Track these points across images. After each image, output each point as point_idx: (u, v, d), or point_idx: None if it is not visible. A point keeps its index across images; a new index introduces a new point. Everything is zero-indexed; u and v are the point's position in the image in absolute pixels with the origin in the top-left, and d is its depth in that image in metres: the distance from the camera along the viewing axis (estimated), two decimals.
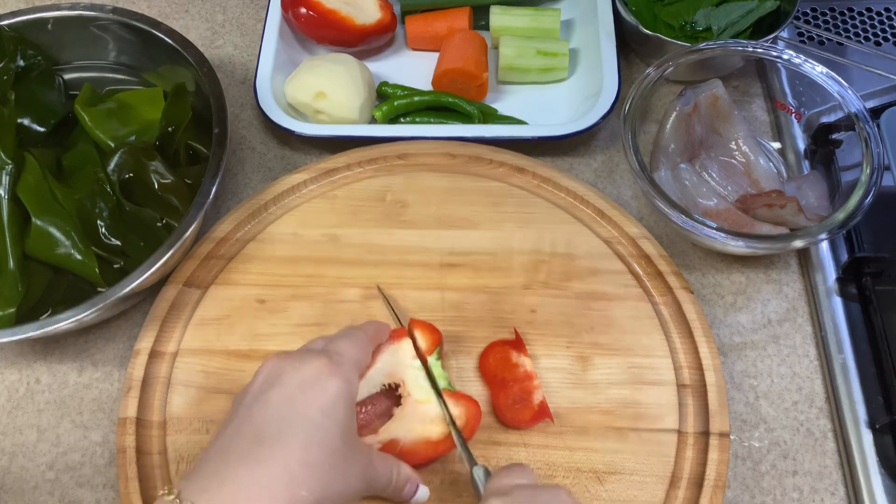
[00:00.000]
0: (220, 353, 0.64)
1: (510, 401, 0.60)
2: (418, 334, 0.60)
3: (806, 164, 0.74)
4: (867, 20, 0.87)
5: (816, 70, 0.70)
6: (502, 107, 0.80)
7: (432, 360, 0.59)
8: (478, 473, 0.52)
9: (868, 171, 0.64)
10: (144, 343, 0.64)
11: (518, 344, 0.62)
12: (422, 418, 0.56)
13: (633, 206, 0.74)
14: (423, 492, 0.52)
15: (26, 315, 0.63)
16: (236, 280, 0.67)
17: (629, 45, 0.84)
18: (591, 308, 0.65)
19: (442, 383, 0.58)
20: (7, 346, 0.68)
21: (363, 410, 0.57)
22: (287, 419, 0.43)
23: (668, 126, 0.71)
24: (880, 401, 0.61)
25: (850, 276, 0.67)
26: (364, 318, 0.65)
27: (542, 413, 0.59)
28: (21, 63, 0.73)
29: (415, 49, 0.86)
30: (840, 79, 0.69)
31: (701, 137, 0.72)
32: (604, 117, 0.73)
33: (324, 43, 0.83)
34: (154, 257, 0.60)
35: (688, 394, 0.61)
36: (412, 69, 0.83)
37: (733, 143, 0.73)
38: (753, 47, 0.72)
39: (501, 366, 0.62)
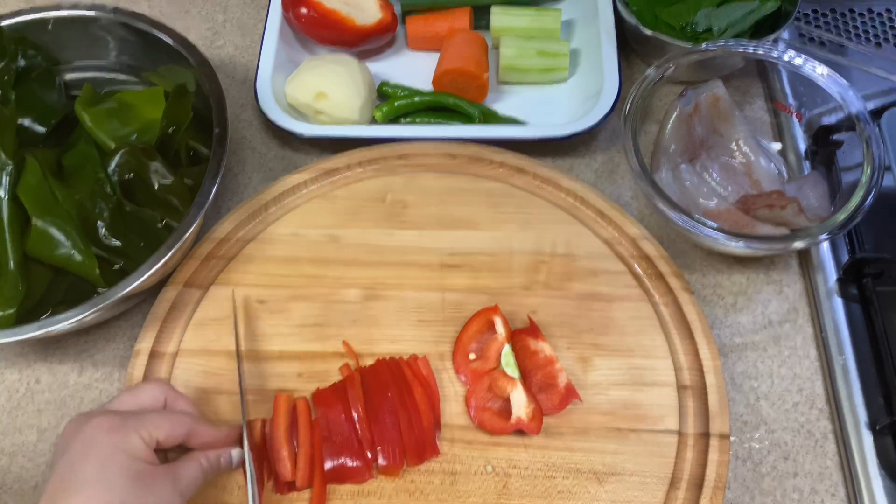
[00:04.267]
0: (221, 354, 0.64)
1: (535, 389, 0.60)
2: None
3: (807, 164, 0.73)
4: (868, 21, 0.87)
5: (817, 71, 0.70)
6: (503, 107, 0.80)
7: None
8: None
9: (869, 171, 0.64)
10: (145, 343, 0.64)
11: (534, 330, 0.62)
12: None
13: (633, 206, 0.74)
14: (237, 453, 0.56)
15: (26, 315, 0.63)
16: (237, 280, 0.67)
17: (630, 46, 0.84)
18: (592, 309, 0.65)
19: None
20: (7, 346, 0.68)
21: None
22: (70, 483, 0.47)
23: (669, 126, 0.71)
24: (881, 402, 0.61)
25: (850, 277, 0.67)
26: (364, 318, 0.65)
27: (570, 394, 0.60)
28: (22, 63, 0.73)
29: (415, 49, 0.86)
30: (841, 79, 0.69)
31: (701, 138, 0.72)
32: (604, 118, 0.73)
33: (324, 43, 0.83)
34: (154, 258, 0.60)
35: (688, 395, 0.61)
36: (413, 69, 0.83)
37: (734, 143, 0.73)
38: (754, 48, 0.72)
39: (521, 355, 0.62)
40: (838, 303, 0.66)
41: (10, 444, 0.63)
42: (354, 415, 0.58)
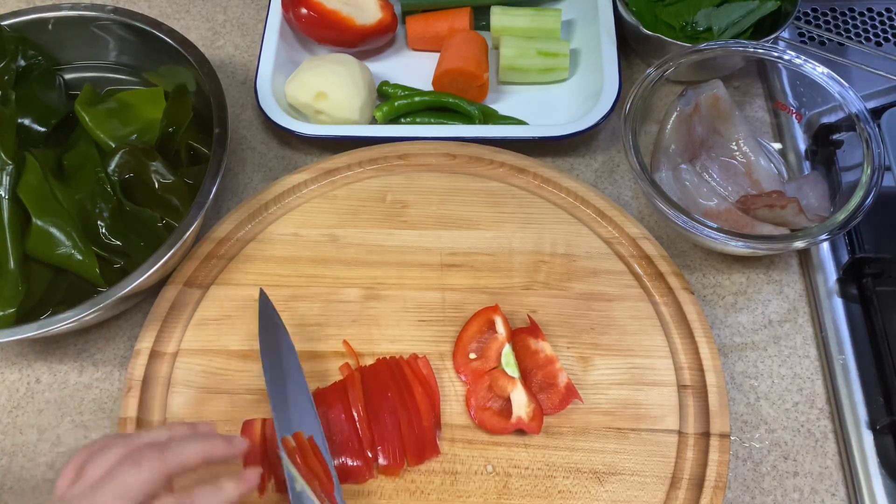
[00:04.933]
0: (221, 354, 0.64)
1: (536, 389, 0.60)
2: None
3: (807, 164, 0.73)
4: (868, 20, 0.87)
5: (817, 70, 0.70)
6: (503, 107, 0.80)
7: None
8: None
9: (869, 171, 0.64)
10: (145, 343, 0.64)
11: (534, 330, 0.63)
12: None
13: (633, 206, 0.74)
14: (251, 472, 0.50)
15: (27, 315, 0.63)
16: (237, 280, 0.67)
17: (630, 46, 0.84)
18: (592, 308, 0.65)
19: None
20: (7, 345, 0.68)
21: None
22: None
23: (669, 126, 0.71)
24: (881, 401, 0.61)
25: (850, 277, 0.67)
26: (364, 318, 0.65)
27: (570, 394, 0.60)
28: (22, 63, 0.73)
29: (415, 49, 0.86)
30: (841, 79, 0.69)
31: (701, 138, 0.72)
32: (604, 118, 0.73)
33: (324, 43, 0.83)
34: (154, 257, 0.60)
35: (688, 394, 0.61)
36: (413, 69, 0.83)
37: (734, 143, 0.73)
38: (754, 48, 0.72)
39: (522, 354, 0.62)
40: (838, 303, 0.66)
41: (11, 443, 0.63)
42: (355, 414, 0.58)
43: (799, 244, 0.62)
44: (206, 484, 0.47)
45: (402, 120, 0.78)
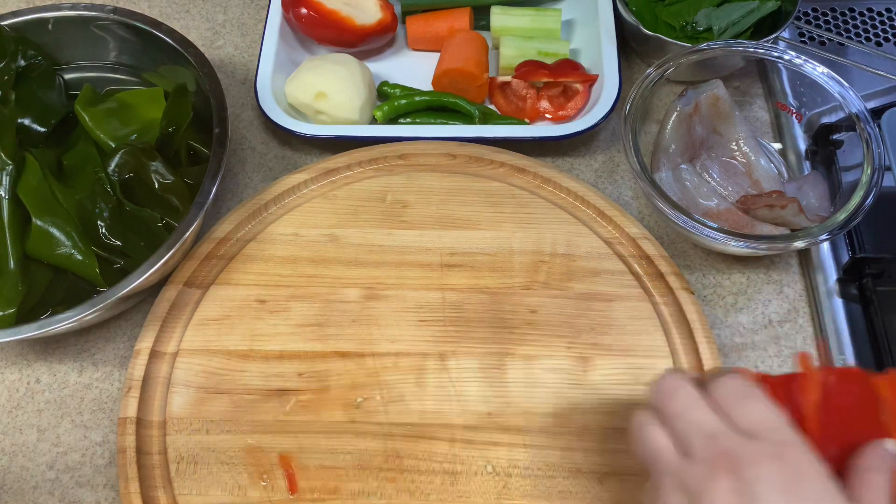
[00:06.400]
0: (221, 354, 0.64)
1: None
2: None
3: (807, 164, 0.73)
4: (868, 20, 0.87)
5: (817, 70, 0.70)
6: None
7: None
8: None
9: (869, 171, 0.64)
10: (145, 343, 0.64)
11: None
12: None
13: (633, 206, 0.74)
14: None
15: (26, 315, 0.63)
16: (237, 280, 0.67)
17: (630, 46, 0.84)
18: (592, 308, 0.65)
19: None
20: (7, 345, 0.68)
21: None
22: None
23: (669, 126, 0.71)
24: None
25: (850, 277, 0.67)
26: (365, 318, 0.65)
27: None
28: (22, 63, 0.73)
29: (415, 49, 0.86)
30: (841, 79, 0.69)
31: (702, 138, 0.72)
32: (604, 117, 0.73)
33: (324, 43, 0.83)
34: (154, 257, 0.60)
35: None
36: (413, 69, 0.83)
37: (734, 143, 0.73)
38: (754, 47, 0.72)
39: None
40: (838, 303, 0.66)
41: (10, 444, 0.63)
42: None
43: (799, 244, 0.62)
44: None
45: (402, 120, 0.78)
